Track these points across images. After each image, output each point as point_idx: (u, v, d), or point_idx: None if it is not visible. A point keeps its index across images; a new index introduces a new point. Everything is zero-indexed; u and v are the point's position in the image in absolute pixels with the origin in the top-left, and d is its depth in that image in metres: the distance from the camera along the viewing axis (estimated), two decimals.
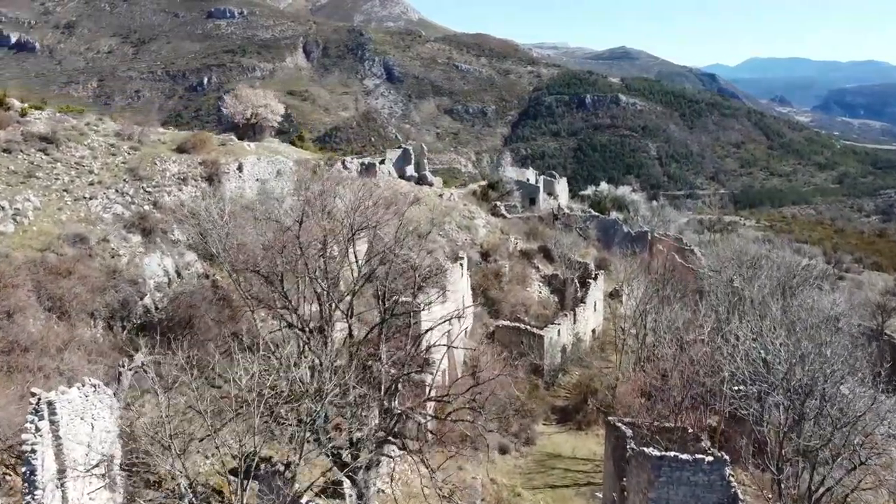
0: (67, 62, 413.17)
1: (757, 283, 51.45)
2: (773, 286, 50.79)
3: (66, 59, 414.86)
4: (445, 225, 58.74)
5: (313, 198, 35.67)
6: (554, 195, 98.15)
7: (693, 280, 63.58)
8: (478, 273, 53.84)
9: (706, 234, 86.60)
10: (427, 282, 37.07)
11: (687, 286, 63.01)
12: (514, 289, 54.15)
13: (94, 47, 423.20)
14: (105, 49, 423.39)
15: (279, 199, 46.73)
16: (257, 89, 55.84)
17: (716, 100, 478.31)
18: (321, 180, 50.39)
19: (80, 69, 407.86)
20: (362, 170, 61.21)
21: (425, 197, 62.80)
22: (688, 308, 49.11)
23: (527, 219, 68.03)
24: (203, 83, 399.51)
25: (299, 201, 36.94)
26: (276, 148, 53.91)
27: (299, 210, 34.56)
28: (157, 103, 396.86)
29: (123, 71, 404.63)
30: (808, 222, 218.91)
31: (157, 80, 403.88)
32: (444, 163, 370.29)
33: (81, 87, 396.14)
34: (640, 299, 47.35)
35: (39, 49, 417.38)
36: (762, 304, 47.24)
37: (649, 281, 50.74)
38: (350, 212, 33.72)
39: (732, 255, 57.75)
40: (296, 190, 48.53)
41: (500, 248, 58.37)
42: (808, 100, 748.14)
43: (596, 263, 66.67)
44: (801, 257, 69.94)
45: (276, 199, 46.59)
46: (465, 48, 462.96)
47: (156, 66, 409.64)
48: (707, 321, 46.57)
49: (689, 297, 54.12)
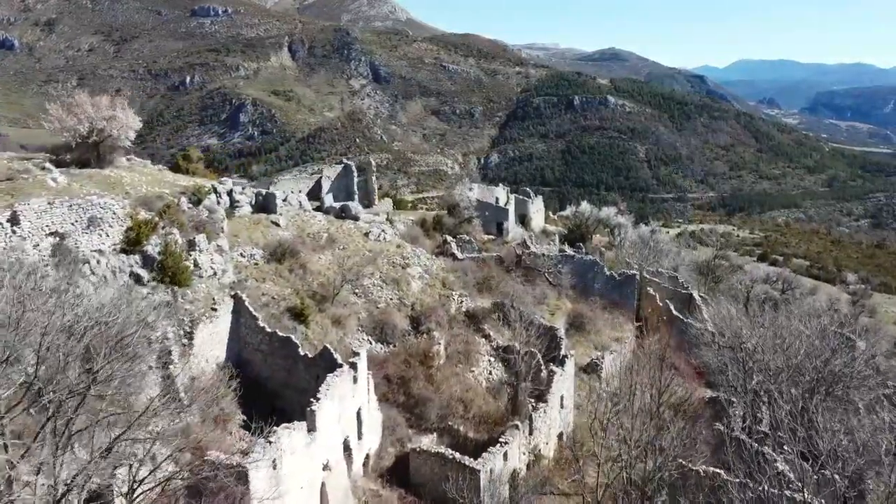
0: (47, 60, 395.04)
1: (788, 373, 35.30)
2: (811, 380, 34.65)
3: (45, 56, 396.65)
4: (365, 279, 42.39)
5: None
6: (528, 217, 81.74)
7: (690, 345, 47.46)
8: (399, 355, 37.51)
9: (705, 278, 69.90)
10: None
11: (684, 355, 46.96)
12: (451, 376, 37.87)
13: (75, 45, 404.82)
14: (86, 47, 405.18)
15: (84, 260, 30.30)
16: (101, 96, 38.71)
17: (705, 102, 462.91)
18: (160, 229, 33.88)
19: (60, 67, 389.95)
20: (259, 201, 44.82)
21: (343, 238, 46.33)
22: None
23: (482, 261, 51.66)
24: (185, 82, 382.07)
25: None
26: (116, 179, 37.39)
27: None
28: (139, 102, 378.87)
29: (104, 69, 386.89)
30: (803, 232, 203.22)
31: (139, 79, 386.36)
32: (430, 164, 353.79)
33: (61, 85, 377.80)
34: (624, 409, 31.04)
35: (18, 47, 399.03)
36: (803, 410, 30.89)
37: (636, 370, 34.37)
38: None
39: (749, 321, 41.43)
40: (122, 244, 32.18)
41: (438, 310, 41.98)
42: (797, 102, 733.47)
43: (569, 321, 50.33)
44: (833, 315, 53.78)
45: (80, 261, 30.16)
46: (454, 48, 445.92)
47: (137, 65, 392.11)
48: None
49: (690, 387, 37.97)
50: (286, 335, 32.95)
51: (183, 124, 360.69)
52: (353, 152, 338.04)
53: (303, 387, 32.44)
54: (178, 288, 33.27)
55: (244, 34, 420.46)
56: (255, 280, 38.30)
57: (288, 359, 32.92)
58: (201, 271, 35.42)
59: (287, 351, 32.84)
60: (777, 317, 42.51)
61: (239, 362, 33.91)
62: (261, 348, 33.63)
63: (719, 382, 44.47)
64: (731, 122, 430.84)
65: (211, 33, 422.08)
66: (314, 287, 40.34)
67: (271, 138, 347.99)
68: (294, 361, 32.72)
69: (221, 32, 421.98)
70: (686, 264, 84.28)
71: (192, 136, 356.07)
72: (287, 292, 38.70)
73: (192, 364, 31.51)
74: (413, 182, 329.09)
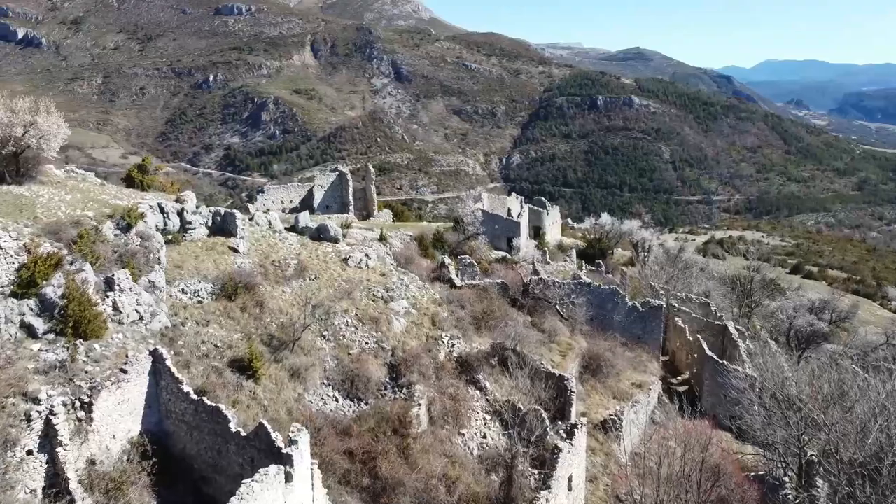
0: (73, 58, 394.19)
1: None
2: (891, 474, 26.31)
3: (71, 55, 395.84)
4: (337, 318, 34.86)
5: None
6: (542, 231, 73.76)
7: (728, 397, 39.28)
8: (367, 420, 29.84)
9: (740, 302, 61.18)
10: None
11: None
12: (433, 446, 30.16)
13: (101, 43, 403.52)
14: (111, 45, 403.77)
15: None
16: (20, 98, 31.33)
17: (732, 102, 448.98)
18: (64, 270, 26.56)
19: (86, 65, 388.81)
20: (217, 222, 37.49)
21: (316, 265, 38.75)
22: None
23: (483, 290, 43.86)
24: (209, 80, 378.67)
25: None
26: (29, 200, 30.10)
27: None
28: (162, 101, 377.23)
29: (129, 68, 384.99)
30: (836, 239, 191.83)
31: (163, 78, 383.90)
32: (451, 164, 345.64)
33: (86, 83, 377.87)
34: None
35: (46, 45, 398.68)
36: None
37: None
38: None
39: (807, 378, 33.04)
40: None
41: (422, 358, 34.30)
42: (825, 103, 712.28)
43: (583, 363, 42.26)
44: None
45: None
46: (476, 47, 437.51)
47: (161, 63, 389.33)
48: None
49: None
50: (215, 405, 25.40)
51: (205, 122, 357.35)
52: (373, 151, 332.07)
53: (235, 472, 24.95)
54: (83, 341, 25.99)
55: (267, 33, 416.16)
56: (197, 323, 30.91)
57: (217, 436, 25.41)
58: (122, 316, 28.10)
59: (216, 425, 25.33)
60: (833, 370, 33.99)
61: (160, 435, 26.53)
62: (185, 419, 26.19)
63: (755, 437, 36.42)
64: (759, 123, 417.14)
65: (234, 32, 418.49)
66: (272, 329, 32.89)
67: (292, 137, 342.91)
68: (224, 440, 25.22)
69: (245, 31, 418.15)
70: (715, 279, 75.73)
71: (213, 134, 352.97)
72: (235, 338, 31.27)
73: (90, 444, 24.22)
74: (434, 182, 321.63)
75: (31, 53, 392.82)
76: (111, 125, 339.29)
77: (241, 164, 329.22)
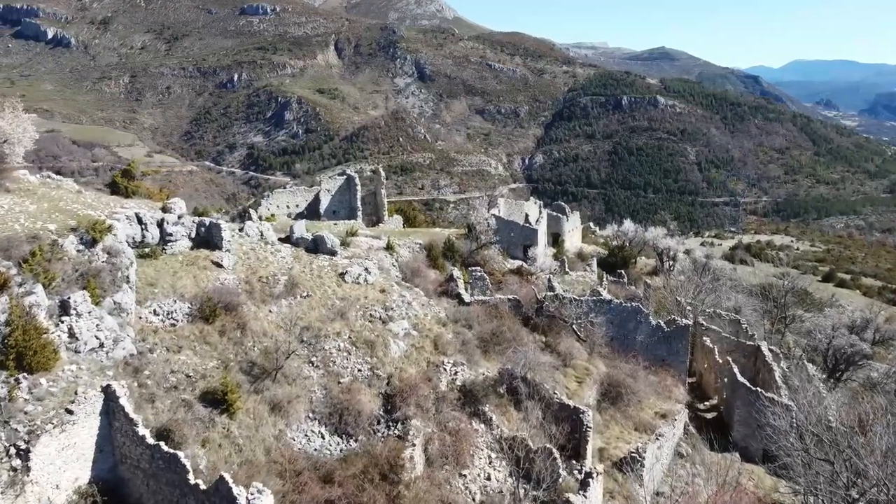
0: (101, 58, 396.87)
1: None
2: None
3: (100, 54, 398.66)
4: (327, 342, 31.37)
5: None
6: (561, 238, 69.64)
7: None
8: (355, 462, 26.16)
9: (772, 318, 56.52)
10: None
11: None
12: (429, 491, 26.47)
13: (128, 43, 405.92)
14: (138, 45, 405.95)
15: None
16: None
17: (759, 103, 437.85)
18: None
19: (113, 65, 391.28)
20: (201, 234, 34.13)
21: (309, 281, 35.25)
22: None
23: (493, 307, 40.07)
24: (233, 80, 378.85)
25: None
26: None
27: None
28: (187, 100, 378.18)
29: (155, 67, 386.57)
30: (869, 245, 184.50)
31: (188, 77, 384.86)
32: (473, 164, 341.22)
33: (113, 82, 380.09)
34: None
35: (75, 44, 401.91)
36: None
37: None
38: None
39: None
40: None
41: (421, 387, 30.65)
42: (855, 103, 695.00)
43: (602, 390, 38.27)
44: None
45: None
46: (500, 47, 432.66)
47: (187, 63, 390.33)
48: None
49: None
50: (172, 452, 21.98)
51: (229, 122, 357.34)
52: (395, 151, 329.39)
53: None
54: (28, 375, 22.72)
55: (291, 32, 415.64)
56: (167, 350, 27.55)
57: (175, 487, 21.99)
58: (78, 344, 24.82)
59: (173, 475, 21.92)
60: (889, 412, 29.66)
61: (114, 483, 23.20)
62: (141, 465, 22.81)
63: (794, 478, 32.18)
64: (787, 123, 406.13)
65: (259, 31, 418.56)
66: (253, 355, 29.43)
67: (315, 136, 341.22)
68: (182, 492, 21.79)
69: (269, 31, 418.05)
70: (745, 291, 70.91)
71: (237, 133, 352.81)
72: (210, 366, 27.87)
73: (27, 496, 20.94)
74: (456, 182, 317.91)
75: (61, 53, 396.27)
76: (137, 124, 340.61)
77: (265, 163, 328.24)
